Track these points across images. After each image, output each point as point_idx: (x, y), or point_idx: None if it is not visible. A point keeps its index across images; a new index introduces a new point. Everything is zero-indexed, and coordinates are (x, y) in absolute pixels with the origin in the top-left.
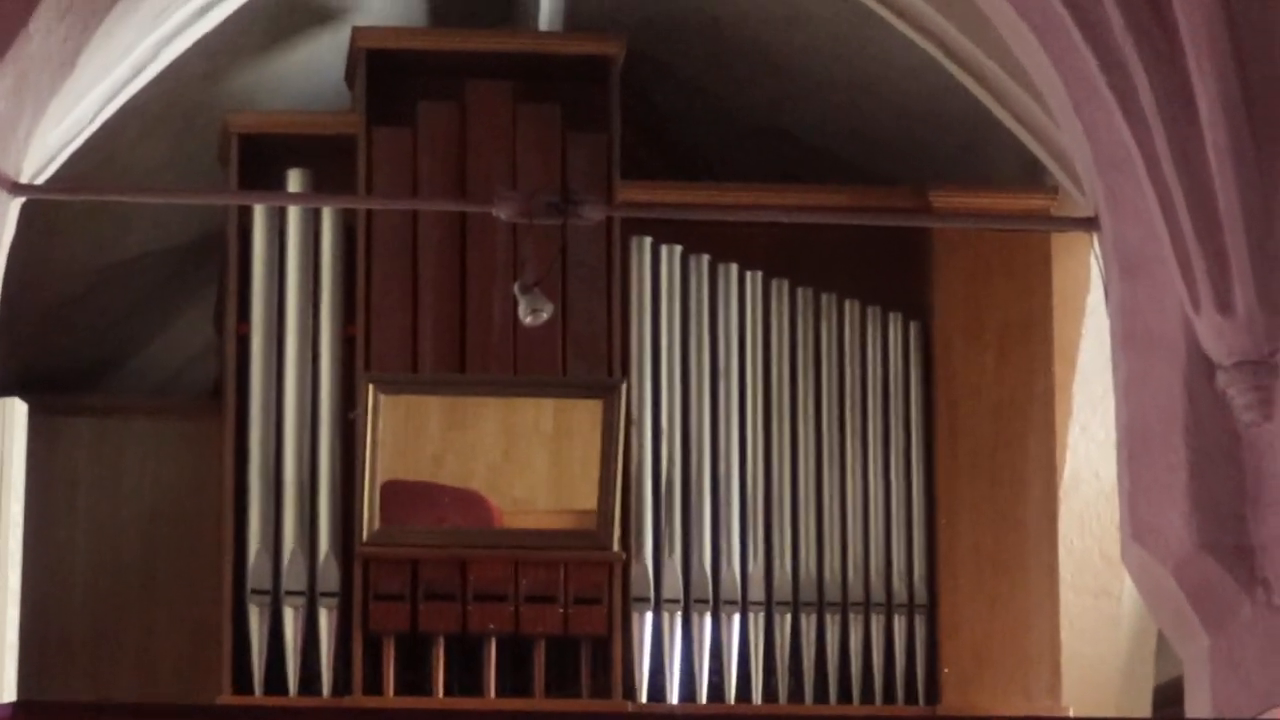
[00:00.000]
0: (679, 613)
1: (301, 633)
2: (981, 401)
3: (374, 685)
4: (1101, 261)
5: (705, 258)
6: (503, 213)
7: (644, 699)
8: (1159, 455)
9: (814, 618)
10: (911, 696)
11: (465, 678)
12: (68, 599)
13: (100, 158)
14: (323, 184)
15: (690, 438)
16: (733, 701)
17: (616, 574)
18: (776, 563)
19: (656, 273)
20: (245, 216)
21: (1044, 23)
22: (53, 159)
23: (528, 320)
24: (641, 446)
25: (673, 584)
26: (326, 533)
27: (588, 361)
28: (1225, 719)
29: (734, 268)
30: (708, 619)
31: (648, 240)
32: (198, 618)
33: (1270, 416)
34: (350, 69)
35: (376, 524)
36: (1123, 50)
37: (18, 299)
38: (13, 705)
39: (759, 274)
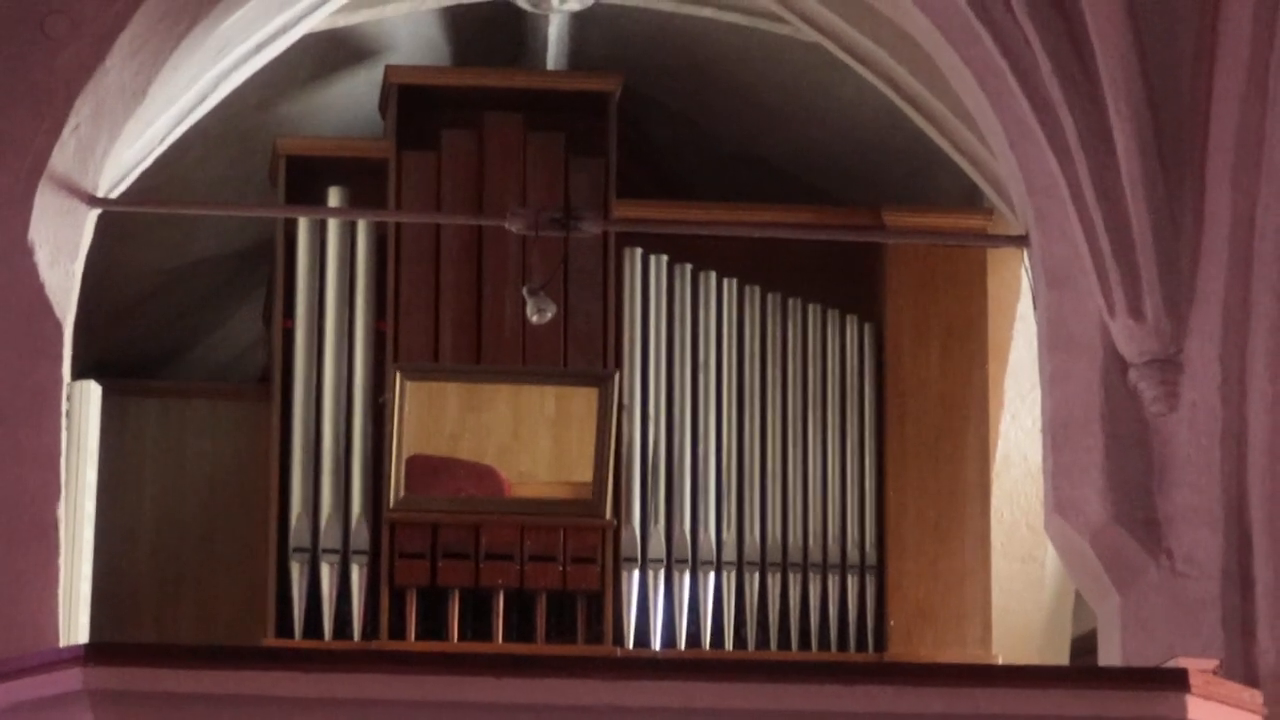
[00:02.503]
0: (662, 571)
1: (336, 585)
2: (926, 393)
3: (398, 631)
4: (1030, 273)
5: (688, 266)
6: (514, 226)
7: (631, 645)
8: (1079, 440)
9: (779, 576)
10: (862, 645)
11: (477, 626)
12: (135, 556)
13: (167, 175)
14: (358, 200)
15: (674, 421)
16: (708, 648)
17: (608, 538)
18: (747, 529)
19: (646, 279)
20: (291, 227)
21: (983, 68)
22: (126, 175)
23: (534, 319)
24: (631, 428)
25: (657, 547)
26: (359, 499)
27: (586, 355)
28: (1133, 667)
29: (713, 275)
30: (687, 577)
31: (639, 251)
32: (247, 572)
33: (1175, 408)
34: (383, 101)
35: (402, 492)
36: (1051, 94)
37: (94, 296)
38: (85, 646)
39: (735, 281)
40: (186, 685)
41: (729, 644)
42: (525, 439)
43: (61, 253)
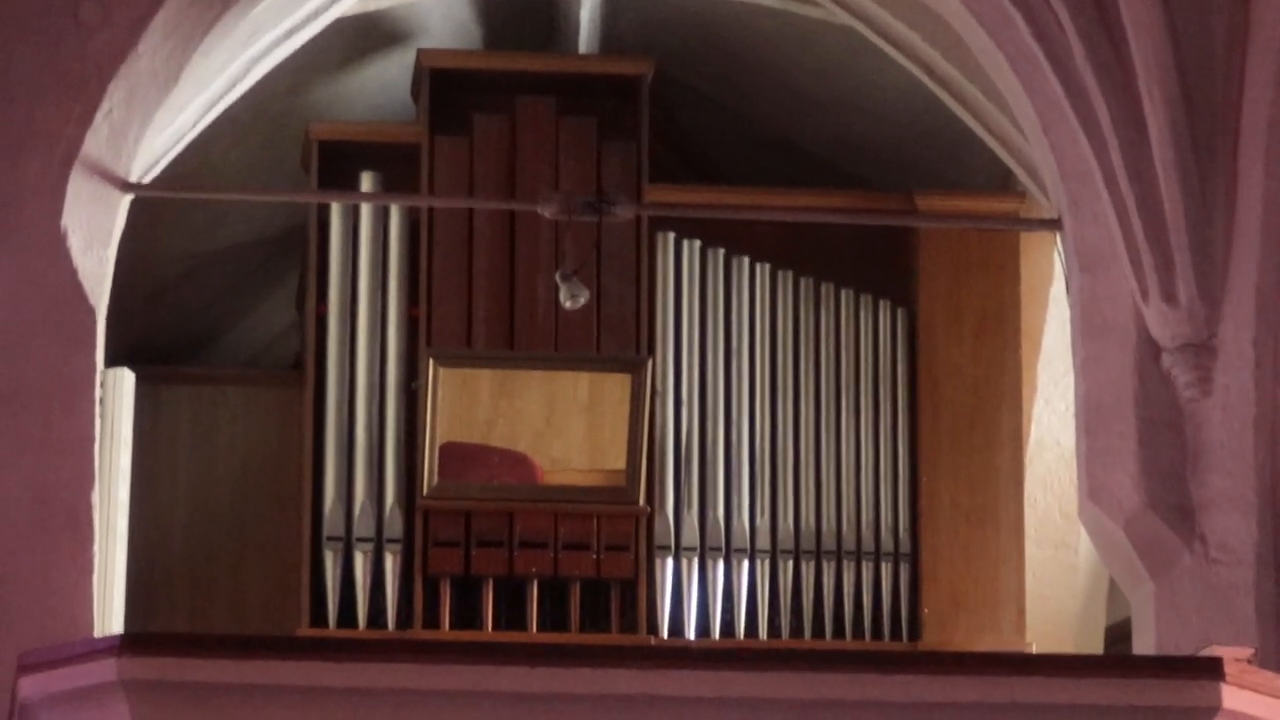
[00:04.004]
0: (696, 559)
1: (370, 574)
2: (959, 378)
3: (432, 620)
4: (1064, 257)
5: (721, 251)
6: (546, 211)
7: (665, 634)
8: (1112, 426)
9: (813, 564)
10: (896, 633)
11: (511, 614)
12: (169, 544)
13: (199, 160)
14: (391, 185)
15: (707, 407)
16: (742, 637)
17: (642, 525)
18: (781, 516)
19: (679, 264)
20: (324, 213)
21: (1017, 53)
22: (158, 161)
23: (567, 304)
24: (664, 415)
25: (691, 534)
26: (392, 487)
27: (618, 340)
28: (1167, 655)
29: (746, 260)
30: (721, 565)
31: (671, 236)
32: (281, 561)
33: (1208, 393)
34: (415, 85)
35: (435, 480)
36: (1085, 79)
37: (126, 282)
38: (120, 636)
39: (767, 266)
40: (221, 675)
41: (763, 633)
42: (558, 425)
43: (94, 239)
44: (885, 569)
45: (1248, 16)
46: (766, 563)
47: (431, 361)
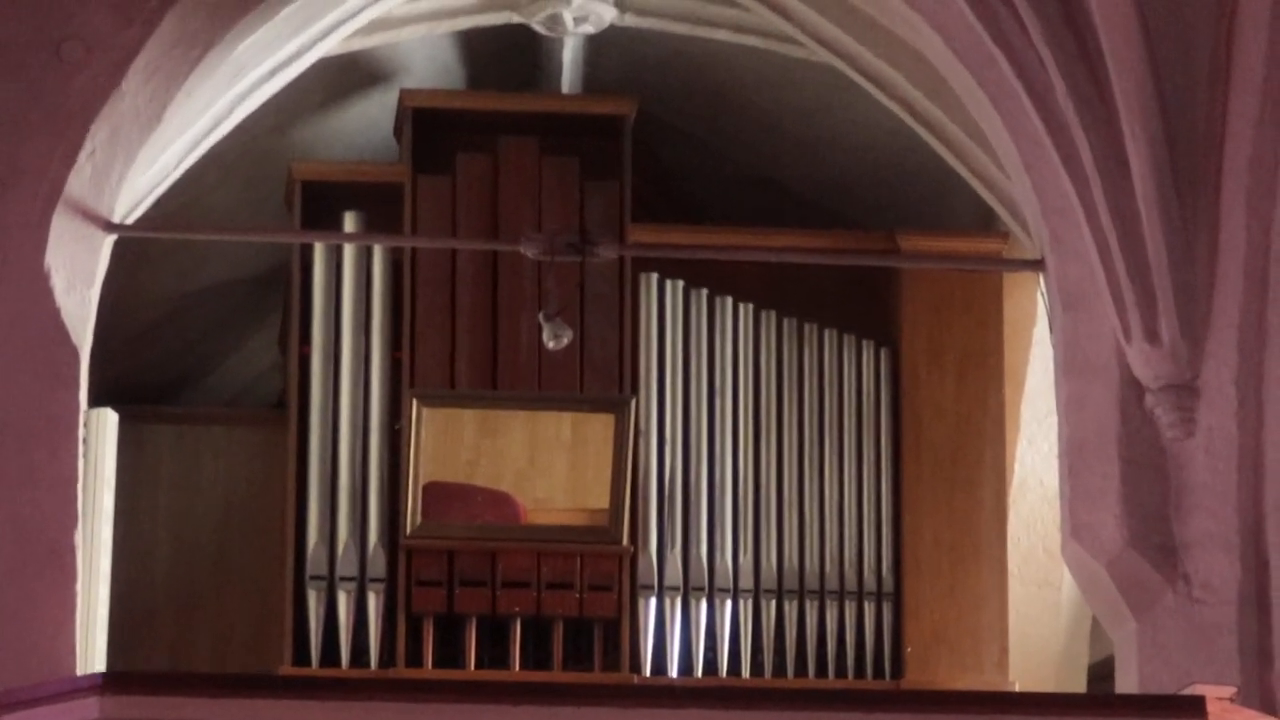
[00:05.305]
0: (679, 599)
1: (353, 613)
2: (942, 418)
3: (415, 659)
4: (1046, 297)
5: (704, 291)
6: (529, 251)
7: (648, 673)
8: (1095, 465)
9: (796, 603)
10: (879, 672)
11: (494, 653)
12: (151, 582)
13: (182, 200)
14: (374, 225)
15: (690, 447)
16: (725, 676)
17: (625, 564)
18: (764, 555)
19: (662, 304)
20: (307, 253)
21: (998, 90)
22: (141, 201)
23: (550, 344)
24: (648, 454)
25: (674, 574)
26: (375, 526)
27: (602, 380)
28: (1150, 694)
29: (729, 300)
30: (704, 604)
31: (655, 276)
32: (264, 600)
33: (1191, 433)
34: (398, 125)
35: (419, 519)
36: (1066, 115)
37: (110, 322)
38: (102, 675)
39: (751, 306)
40: (203, 714)
41: (746, 671)
42: (541, 465)
43: (78, 279)
44: (868, 607)
45: (1230, 53)
46: (750, 602)
47: (415, 401)
